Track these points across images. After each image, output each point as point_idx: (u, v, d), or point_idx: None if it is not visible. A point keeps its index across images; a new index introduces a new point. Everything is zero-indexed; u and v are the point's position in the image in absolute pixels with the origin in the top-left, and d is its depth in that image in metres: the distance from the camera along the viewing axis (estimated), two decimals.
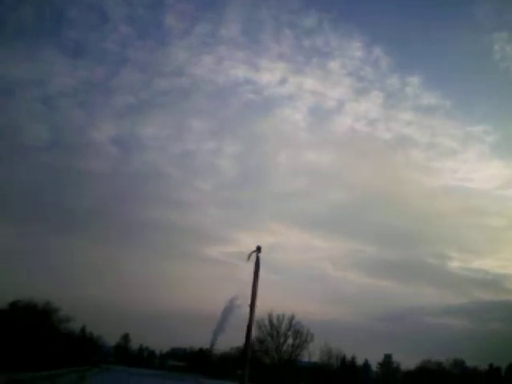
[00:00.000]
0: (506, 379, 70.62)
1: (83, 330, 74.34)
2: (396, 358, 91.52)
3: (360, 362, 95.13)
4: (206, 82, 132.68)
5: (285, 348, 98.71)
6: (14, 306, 38.96)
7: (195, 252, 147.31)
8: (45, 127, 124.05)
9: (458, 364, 79.94)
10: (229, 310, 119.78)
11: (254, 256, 4.79)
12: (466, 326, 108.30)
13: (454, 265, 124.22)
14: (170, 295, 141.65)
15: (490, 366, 75.23)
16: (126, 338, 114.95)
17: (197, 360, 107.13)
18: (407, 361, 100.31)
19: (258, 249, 4.85)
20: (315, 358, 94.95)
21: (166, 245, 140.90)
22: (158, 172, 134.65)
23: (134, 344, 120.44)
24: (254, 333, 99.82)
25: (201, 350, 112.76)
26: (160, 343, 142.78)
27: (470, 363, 78.21)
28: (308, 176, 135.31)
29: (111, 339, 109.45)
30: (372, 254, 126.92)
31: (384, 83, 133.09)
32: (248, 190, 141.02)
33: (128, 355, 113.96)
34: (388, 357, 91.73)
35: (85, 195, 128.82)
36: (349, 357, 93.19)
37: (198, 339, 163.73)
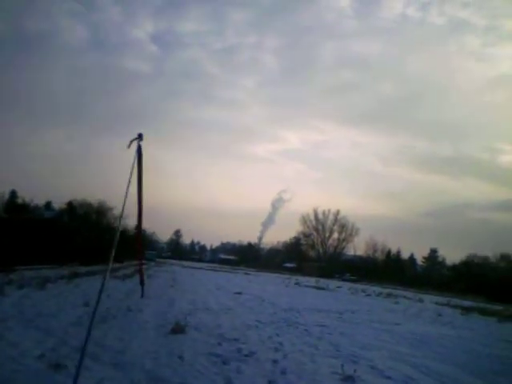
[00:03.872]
0: None
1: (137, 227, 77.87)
2: (442, 252, 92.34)
3: (405, 255, 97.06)
4: None
5: (330, 242, 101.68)
6: (70, 205, 40.56)
7: (242, 151, 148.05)
8: (84, 27, 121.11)
9: (505, 258, 79.89)
10: (276, 204, 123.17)
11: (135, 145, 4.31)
12: None
13: (506, 159, 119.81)
14: (219, 194, 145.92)
15: None
16: (177, 233, 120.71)
17: (246, 253, 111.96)
18: (453, 255, 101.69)
19: (140, 136, 4.30)
20: (360, 252, 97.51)
21: (215, 144, 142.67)
22: (200, 70, 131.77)
23: (186, 239, 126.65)
24: (300, 228, 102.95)
25: (249, 244, 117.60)
26: (210, 238, 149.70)
27: None
28: (355, 68, 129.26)
29: (164, 236, 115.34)
30: (421, 149, 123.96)
31: None
32: (292, 85, 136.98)
33: (180, 249, 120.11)
34: (434, 251, 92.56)
35: (127, 95, 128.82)
36: (394, 251, 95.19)
37: (246, 234, 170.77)
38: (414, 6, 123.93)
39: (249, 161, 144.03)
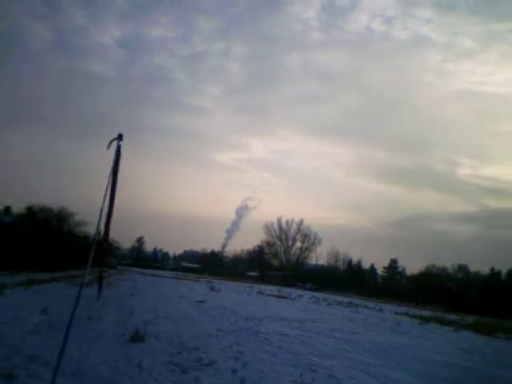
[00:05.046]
0: (504, 282, 73.23)
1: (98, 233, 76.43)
2: (402, 262, 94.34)
3: (366, 265, 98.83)
4: None
5: (293, 251, 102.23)
6: (29, 210, 39.57)
7: (207, 158, 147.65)
8: (47, 29, 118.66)
9: (462, 269, 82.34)
10: (241, 211, 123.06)
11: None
12: (472, 232, 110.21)
13: (464, 172, 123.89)
14: (183, 201, 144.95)
15: (492, 270, 77.79)
16: (140, 240, 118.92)
17: (209, 261, 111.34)
18: (413, 266, 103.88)
19: (120, 136, 4.32)
20: (322, 261, 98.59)
21: (180, 150, 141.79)
22: (166, 76, 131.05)
23: (149, 246, 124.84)
24: (263, 236, 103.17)
25: (213, 252, 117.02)
26: (174, 246, 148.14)
27: (472, 268, 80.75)
28: (319, 79, 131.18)
29: (126, 243, 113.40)
30: (382, 161, 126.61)
31: None
32: (257, 94, 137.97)
33: (143, 257, 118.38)
34: (394, 261, 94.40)
35: (91, 98, 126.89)
36: (355, 260, 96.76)
37: (209, 242, 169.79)
38: (378, 19, 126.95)
39: (213, 168, 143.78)
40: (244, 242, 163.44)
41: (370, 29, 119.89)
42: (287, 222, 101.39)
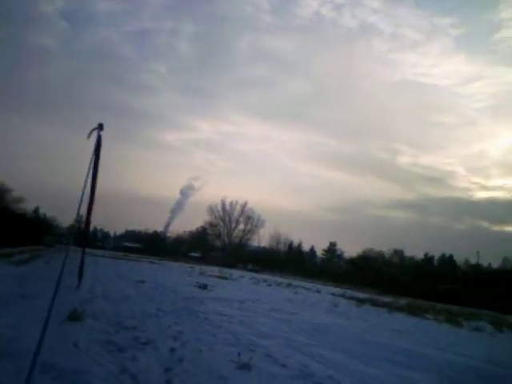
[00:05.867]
0: (436, 267, 77.37)
1: (36, 210, 73.90)
2: (341, 246, 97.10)
3: (306, 248, 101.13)
4: None
5: (236, 233, 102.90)
6: None
7: (152, 137, 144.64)
8: None
9: (398, 253, 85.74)
10: (186, 191, 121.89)
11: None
12: (409, 218, 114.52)
13: (404, 160, 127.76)
14: (126, 179, 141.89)
15: (425, 255, 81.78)
16: (79, 219, 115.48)
17: (151, 241, 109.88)
18: (351, 249, 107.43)
19: (100, 126, 4.33)
20: (264, 243, 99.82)
21: (124, 129, 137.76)
22: (113, 51, 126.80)
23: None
24: (207, 217, 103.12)
25: (156, 232, 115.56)
26: (115, 225, 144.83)
27: (408, 253, 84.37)
28: (270, 63, 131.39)
29: (66, 221, 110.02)
30: (328, 146, 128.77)
31: None
32: (206, 75, 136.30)
33: (82, 235, 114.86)
34: (333, 244, 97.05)
35: (32, 71, 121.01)
36: (296, 243, 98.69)
37: (153, 222, 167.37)
38: (328, 5, 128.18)
39: (159, 148, 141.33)
40: (188, 223, 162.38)
41: (320, 15, 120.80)
42: (231, 203, 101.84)
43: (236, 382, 5.74)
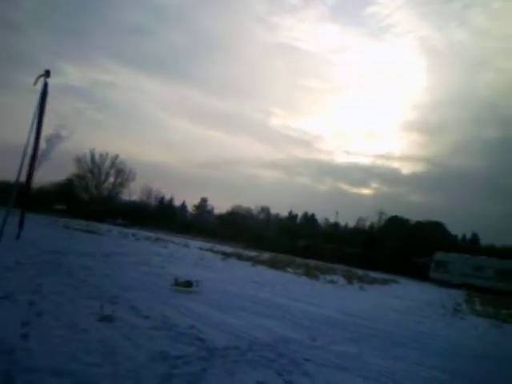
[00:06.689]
0: (298, 225, 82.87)
1: None
2: (211, 202, 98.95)
3: (178, 203, 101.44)
4: None
5: (105, 185, 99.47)
6: None
7: (15, 80, 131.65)
8: None
9: (264, 210, 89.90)
10: (51, 140, 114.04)
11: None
12: (277, 178, 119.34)
13: (276, 122, 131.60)
14: None
15: (290, 213, 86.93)
16: None
17: (12, 192, 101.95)
18: (221, 205, 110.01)
19: (47, 73, 4.27)
20: (135, 197, 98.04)
21: None
22: None
23: None
24: (74, 169, 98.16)
25: (17, 181, 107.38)
26: None
27: (274, 210, 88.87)
28: (147, 11, 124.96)
29: None
30: (204, 103, 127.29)
31: None
32: (78, 16, 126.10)
33: None
34: (204, 200, 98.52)
35: None
36: (168, 198, 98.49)
37: (13, 172, 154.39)
38: None
39: (23, 92, 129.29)
40: (54, 175, 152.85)
41: None
42: (101, 155, 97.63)
43: (96, 333, 5.81)
